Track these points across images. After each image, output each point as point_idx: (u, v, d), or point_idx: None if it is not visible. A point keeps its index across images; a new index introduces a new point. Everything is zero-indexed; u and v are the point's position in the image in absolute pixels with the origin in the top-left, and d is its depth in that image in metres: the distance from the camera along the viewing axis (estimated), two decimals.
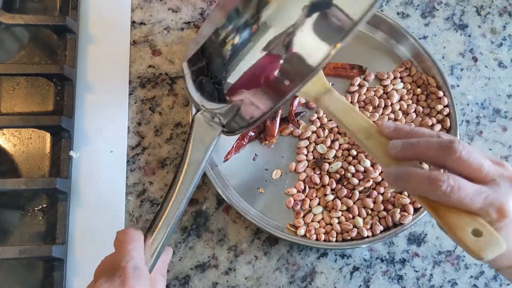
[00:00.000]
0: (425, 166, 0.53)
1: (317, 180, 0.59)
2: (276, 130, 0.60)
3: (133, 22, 0.65)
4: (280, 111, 0.61)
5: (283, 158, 0.61)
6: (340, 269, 0.58)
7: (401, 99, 0.64)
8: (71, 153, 0.56)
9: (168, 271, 0.55)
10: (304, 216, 0.58)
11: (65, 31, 0.60)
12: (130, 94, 0.62)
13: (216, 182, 0.57)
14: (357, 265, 0.58)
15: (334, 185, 0.59)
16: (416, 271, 0.59)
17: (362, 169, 0.59)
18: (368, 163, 0.59)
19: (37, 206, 0.56)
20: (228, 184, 0.58)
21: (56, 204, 0.54)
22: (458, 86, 0.68)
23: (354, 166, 0.59)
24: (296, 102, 0.62)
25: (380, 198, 0.58)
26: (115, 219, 0.56)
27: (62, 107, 0.58)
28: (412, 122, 0.63)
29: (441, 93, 0.63)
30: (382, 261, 0.59)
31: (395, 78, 0.65)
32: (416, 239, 0.60)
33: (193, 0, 0.67)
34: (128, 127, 0.60)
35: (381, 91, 0.65)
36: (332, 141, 0.61)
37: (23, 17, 0.59)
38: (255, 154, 0.61)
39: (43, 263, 0.53)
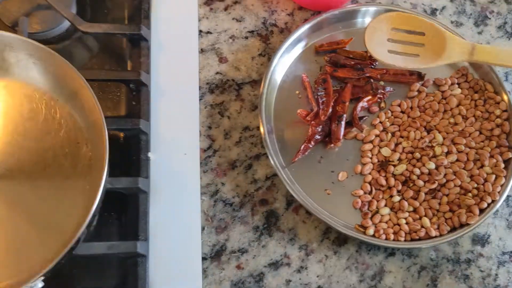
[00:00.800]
0: None
1: (383, 182, 0.61)
2: (342, 134, 0.63)
3: (200, 31, 0.68)
4: (344, 115, 0.63)
5: (348, 161, 0.63)
6: (408, 268, 0.59)
7: (459, 104, 0.66)
8: (149, 154, 0.59)
9: (242, 268, 0.57)
10: (372, 217, 0.60)
11: (139, 39, 0.63)
12: (200, 99, 0.64)
13: (288, 183, 0.59)
14: (424, 265, 0.60)
15: (400, 187, 0.61)
16: (482, 271, 0.60)
17: (426, 171, 0.61)
18: (432, 165, 0.61)
19: (116, 205, 0.58)
20: (296, 185, 0.60)
21: (137, 202, 0.56)
22: None
23: (419, 168, 0.61)
24: (359, 107, 0.64)
25: (446, 199, 0.60)
26: (191, 218, 0.58)
27: (138, 111, 0.61)
28: (471, 126, 0.65)
29: (499, 98, 0.65)
30: (448, 261, 0.60)
31: (452, 84, 0.67)
32: (480, 240, 0.61)
33: (255, 10, 0.70)
34: (199, 131, 0.63)
35: (440, 97, 0.67)
36: (396, 145, 0.63)
37: (101, 26, 0.62)
38: (321, 157, 0.63)
39: (125, 259, 0.55)
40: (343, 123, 0.63)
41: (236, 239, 0.59)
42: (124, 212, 0.58)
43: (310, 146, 0.62)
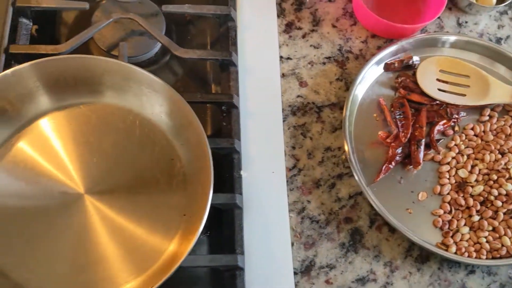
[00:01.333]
0: None
1: (462, 202, 0.64)
2: (421, 158, 0.66)
3: (281, 57, 0.72)
4: (423, 140, 0.66)
5: (426, 181, 0.66)
6: (488, 285, 0.62)
7: None
8: (242, 172, 0.62)
9: (331, 283, 0.60)
10: (452, 236, 0.62)
11: (229, 64, 0.68)
12: (283, 121, 0.68)
13: (372, 200, 0.62)
14: (503, 283, 0.62)
15: (478, 207, 0.63)
16: None
17: (504, 192, 0.64)
18: (510, 186, 0.64)
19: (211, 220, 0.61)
20: (380, 204, 0.63)
21: (233, 217, 0.59)
22: None
23: (496, 189, 0.64)
24: (435, 130, 0.68)
25: None
26: (281, 233, 0.61)
27: (229, 131, 0.64)
28: None
29: None
30: None
31: None
32: None
33: (331, 37, 0.74)
34: (284, 150, 0.66)
35: (510, 121, 0.70)
36: (472, 166, 0.66)
37: (195, 52, 0.66)
38: (400, 177, 0.66)
39: (221, 272, 0.58)
40: (422, 147, 0.66)
41: (324, 255, 0.61)
42: (219, 227, 0.61)
43: (391, 166, 0.65)
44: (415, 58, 0.71)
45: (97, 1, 0.73)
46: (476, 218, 0.63)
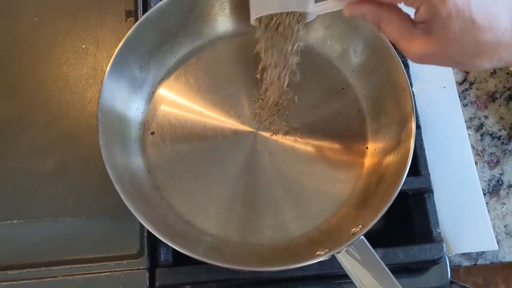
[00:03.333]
0: None
1: None
2: None
3: None
4: None
5: None
6: None
7: None
8: (413, 88, 0.56)
9: None
10: None
11: None
12: None
13: None
14: None
15: None
16: None
17: None
18: None
19: None
20: None
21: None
22: None
23: None
24: None
25: None
26: (462, 152, 0.56)
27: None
28: None
29: None
30: None
31: None
32: None
33: None
34: None
35: None
36: None
37: None
38: None
39: (407, 197, 0.53)
40: None
41: (511, 173, 0.55)
42: None
43: None
44: None
45: None
46: None
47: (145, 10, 0.54)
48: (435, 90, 0.58)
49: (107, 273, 0.47)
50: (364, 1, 0.37)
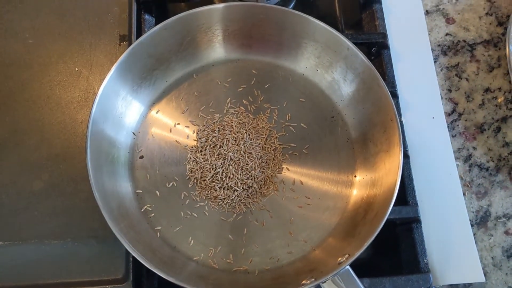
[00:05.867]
0: None
1: None
2: None
3: None
4: None
5: None
6: None
7: None
8: (402, 118, 0.57)
9: (511, 234, 0.55)
10: None
11: (372, 2, 0.61)
12: (434, 61, 0.62)
13: None
14: None
15: None
16: None
17: None
18: None
19: None
20: None
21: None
22: None
23: None
24: None
25: None
26: (451, 184, 0.56)
27: (382, 75, 0.58)
28: None
29: None
30: None
31: None
32: None
33: None
34: (440, 94, 0.60)
35: None
36: None
37: None
38: None
39: (395, 227, 0.53)
40: None
41: (499, 205, 0.56)
42: None
43: None
44: None
45: None
46: None
47: (139, 35, 0.55)
48: (424, 120, 0.58)
49: None
50: None
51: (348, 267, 0.43)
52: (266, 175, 0.51)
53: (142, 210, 0.49)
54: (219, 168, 0.51)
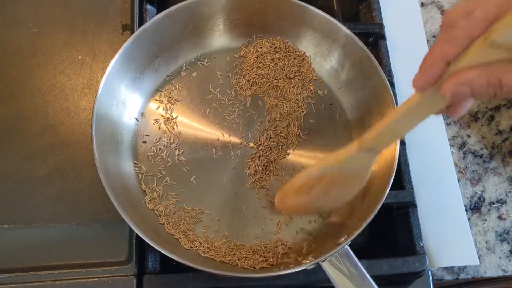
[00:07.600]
0: None
1: None
2: None
3: None
4: None
5: None
6: None
7: None
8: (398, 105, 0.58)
9: (505, 219, 0.56)
10: None
11: None
12: None
13: None
14: None
15: None
16: None
17: None
18: None
19: None
20: None
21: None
22: None
23: None
24: None
25: None
26: (445, 169, 0.57)
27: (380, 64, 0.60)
28: None
29: None
30: None
31: None
32: None
33: None
34: None
35: None
36: None
37: None
38: None
39: (391, 211, 0.55)
40: None
41: (492, 190, 0.57)
42: None
43: None
44: None
45: None
46: None
47: (141, 24, 0.56)
48: None
49: (95, 279, 0.48)
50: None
51: (347, 246, 0.44)
52: (268, 160, 0.53)
53: (145, 192, 0.50)
54: None
